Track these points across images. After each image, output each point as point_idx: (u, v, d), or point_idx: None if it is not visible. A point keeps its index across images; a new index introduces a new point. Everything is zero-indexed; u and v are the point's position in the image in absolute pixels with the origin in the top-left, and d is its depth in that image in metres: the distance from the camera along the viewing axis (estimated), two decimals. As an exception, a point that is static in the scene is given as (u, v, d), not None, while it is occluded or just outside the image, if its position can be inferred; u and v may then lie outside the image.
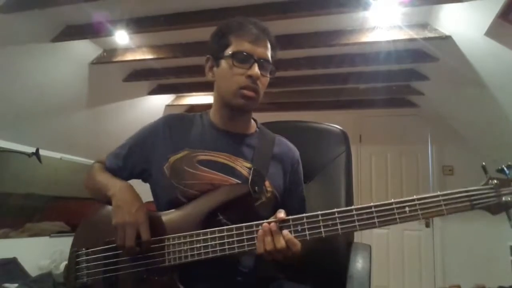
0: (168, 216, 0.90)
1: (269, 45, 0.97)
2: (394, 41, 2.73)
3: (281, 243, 0.80)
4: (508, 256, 3.67)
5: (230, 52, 0.93)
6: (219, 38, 0.97)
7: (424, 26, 2.65)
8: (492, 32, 2.26)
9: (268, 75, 0.97)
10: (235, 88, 0.93)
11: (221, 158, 0.96)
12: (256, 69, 0.92)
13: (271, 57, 0.98)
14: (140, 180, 1.05)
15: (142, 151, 1.01)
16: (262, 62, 0.94)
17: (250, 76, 0.92)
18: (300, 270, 0.92)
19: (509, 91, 2.75)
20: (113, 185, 0.93)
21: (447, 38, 2.59)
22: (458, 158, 4.25)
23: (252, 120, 1.08)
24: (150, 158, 1.00)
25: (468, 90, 3.20)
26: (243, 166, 0.96)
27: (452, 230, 4.15)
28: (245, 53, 0.93)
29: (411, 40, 2.69)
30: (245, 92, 0.94)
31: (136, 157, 1.02)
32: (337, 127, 1.28)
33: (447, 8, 2.42)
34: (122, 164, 1.02)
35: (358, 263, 1.04)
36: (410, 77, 3.57)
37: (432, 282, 4.14)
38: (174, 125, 1.03)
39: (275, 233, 0.81)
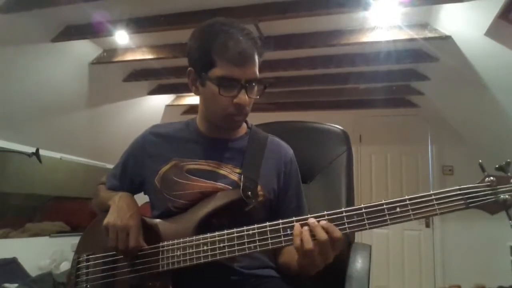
0: (164, 223, 0.92)
1: (256, 59, 0.90)
2: (394, 41, 2.73)
3: (322, 234, 0.74)
4: (508, 256, 3.66)
5: (215, 76, 0.87)
6: (202, 54, 0.89)
7: (424, 26, 2.65)
8: (492, 32, 2.26)
9: (257, 96, 0.93)
10: (223, 114, 0.91)
11: (210, 166, 0.96)
12: (243, 97, 0.88)
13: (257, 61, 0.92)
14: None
15: (134, 167, 1.03)
16: (250, 85, 0.89)
17: (237, 103, 0.89)
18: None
19: (509, 91, 2.74)
20: (113, 195, 0.96)
21: (447, 38, 2.59)
22: (458, 158, 4.25)
23: None
24: (142, 172, 1.01)
25: (468, 90, 3.20)
26: (233, 172, 0.95)
27: (452, 230, 4.15)
28: (231, 79, 0.86)
29: (411, 40, 2.69)
30: (234, 117, 0.92)
31: (131, 174, 1.04)
32: (337, 127, 1.28)
33: (447, 8, 2.42)
34: (119, 183, 1.05)
35: (358, 263, 1.04)
36: (410, 77, 3.58)
37: (432, 282, 4.14)
38: (161, 136, 1.03)
39: (313, 226, 0.75)
